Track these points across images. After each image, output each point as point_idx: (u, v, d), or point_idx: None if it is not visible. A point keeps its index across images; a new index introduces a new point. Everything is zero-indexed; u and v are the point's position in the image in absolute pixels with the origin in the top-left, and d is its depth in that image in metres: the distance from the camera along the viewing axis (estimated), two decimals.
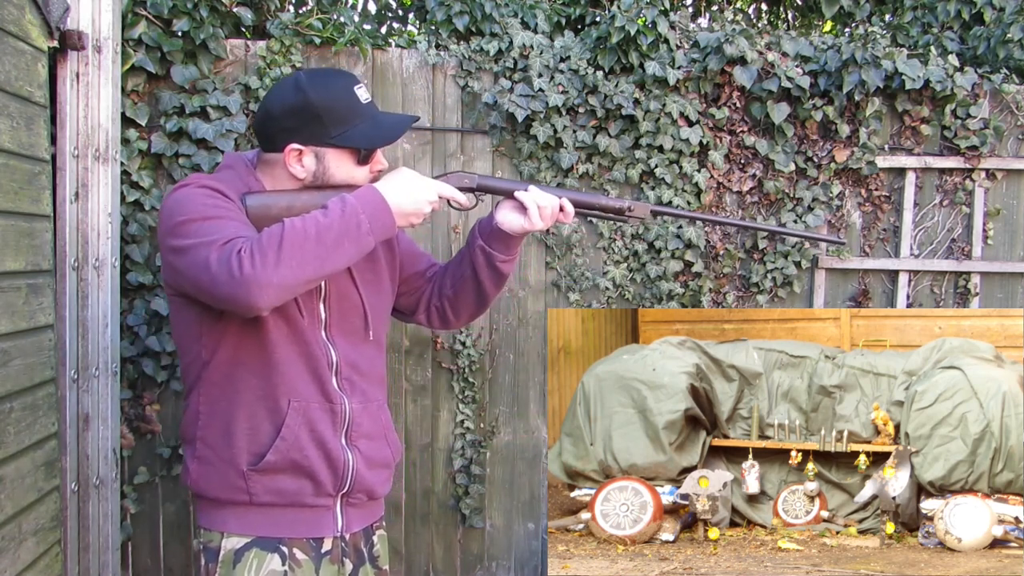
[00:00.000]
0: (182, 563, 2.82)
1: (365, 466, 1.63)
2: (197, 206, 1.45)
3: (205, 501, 1.60)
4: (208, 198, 1.48)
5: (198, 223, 1.43)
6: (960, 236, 3.00)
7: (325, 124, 1.52)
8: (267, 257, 1.35)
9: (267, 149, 1.59)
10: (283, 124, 1.54)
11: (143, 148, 2.62)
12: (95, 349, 2.31)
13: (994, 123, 2.92)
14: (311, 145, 1.54)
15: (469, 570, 3.01)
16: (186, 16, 2.56)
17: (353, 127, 1.54)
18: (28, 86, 1.91)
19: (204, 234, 1.41)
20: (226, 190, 1.52)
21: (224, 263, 1.36)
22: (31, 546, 1.92)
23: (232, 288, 1.36)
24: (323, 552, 1.61)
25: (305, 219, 1.41)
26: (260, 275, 1.35)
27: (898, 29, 3.33)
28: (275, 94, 1.57)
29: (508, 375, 2.97)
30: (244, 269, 1.34)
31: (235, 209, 1.50)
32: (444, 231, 2.90)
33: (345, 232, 1.42)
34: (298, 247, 1.38)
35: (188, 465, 1.61)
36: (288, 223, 1.40)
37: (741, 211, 2.95)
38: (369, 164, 1.60)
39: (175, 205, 1.48)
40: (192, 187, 1.50)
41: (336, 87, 1.55)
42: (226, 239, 1.39)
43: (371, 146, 1.57)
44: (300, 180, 1.57)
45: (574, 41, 2.91)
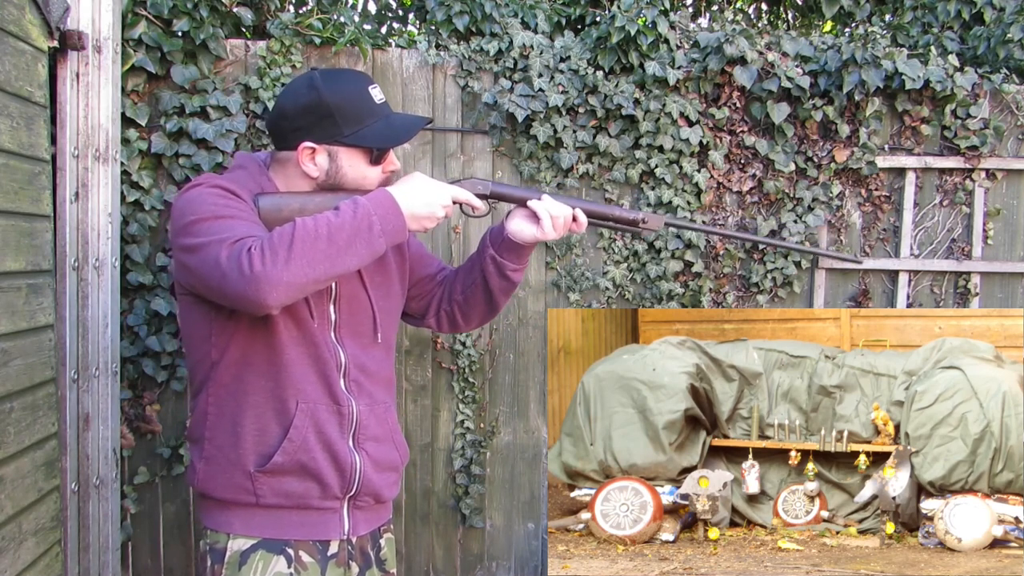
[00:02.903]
0: (182, 563, 2.82)
1: (372, 469, 1.63)
2: (208, 205, 1.46)
3: (211, 502, 1.59)
4: (220, 198, 1.48)
5: (209, 222, 1.43)
6: (960, 236, 3.00)
7: (338, 123, 1.53)
8: (278, 255, 1.35)
9: (280, 147, 1.59)
10: (297, 122, 1.54)
11: (143, 148, 2.62)
12: (95, 349, 2.31)
13: (994, 123, 2.92)
14: (324, 144, 1.54)
15: (469, 570, 3.01)
16: (186, 16, 2.57)
17: (366, 127, 1.55)
18: (28, 86, 1.91)
19: (215, 232, 1.41)
20: (238, 190, 1.52)
21: (235, 260, 1.36)
22: (31, 546, 1.92)
23: (242, 285, 1.35)
24: (329, 555, 1.60)
25: (317, 219, 1.41)
26: (271, 273, 1.35)
27: (898, 29, 3.33)
28: (289, 92, 1.57)
29: (508, 375, 2.97)
30: (255, 267, 1.34)
31: (247, 209, 1.50)
32: (444, 231, 2.90)
33: (356, 233, 1.42)
34: (309, 246, 1.37)
35: (195, 465, 1.60)
36: (300, 222, 1.40)
37: (741, 211, 2.95)
38: (382, 164, 1.60)
39: (186, 204, 1.48)
40: (204, 187, 1.50)
41: (350, 86, 1.56)
42: (237, 237, 1.39)
43: (384, 145, 1.57)
44: (313, 179, 1.57)
45: (574, 41, 2.91)
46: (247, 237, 1.39)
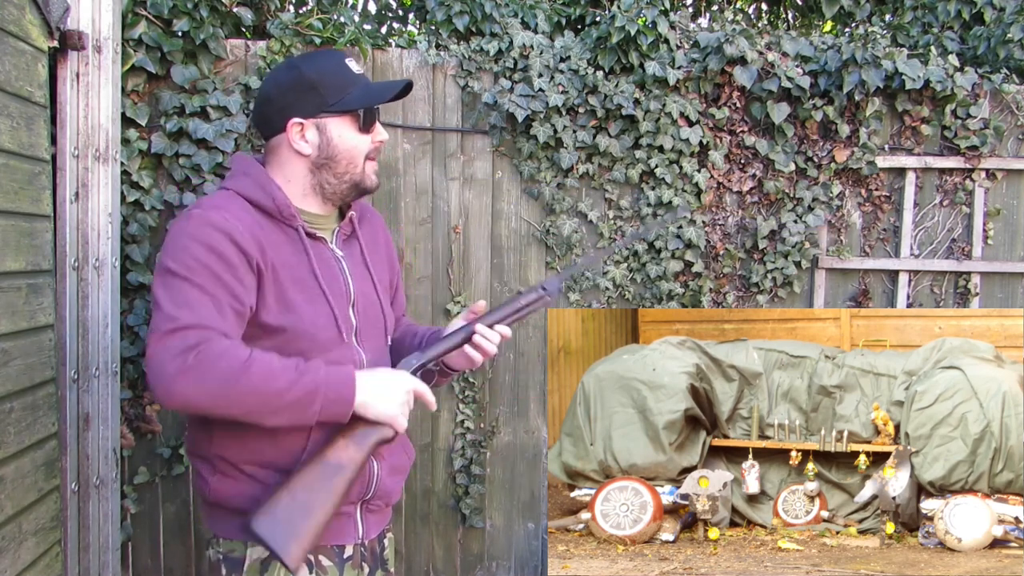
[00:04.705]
0: (182, 563, 2.82)
1: (387, 473, 1.62)
2: (190, 260, 1.39)
3: (225, 511, 1.54)
4: (208, 254, 1.39)
5: (180, 281, 1.37)
6: (960, 236, 3.00)
7: (322, 93, 1.52)
8: (205, 381, 1.32)
9: (269, 134, 1.58)
10: (281, 102, 1.53)
11: (143, 148, 2.62)
12: (95, 349, 2.31)
13: (994, 123, 2.92)
14: (311, 117, 1.53)
15: (469, 570, 3.01)
16: (186, 16, 2.57)
17: (349, 93, 1.54)
18: (28, 86, 1.91)
19: (174, 302, 1.36)
20: (239, 234, 1.42)
21: (165, 351, 1.33)
22: (31, 546, 1.92)
23: (153, 376, 1.33)
24: (345, 558, 1.59)
25: (268, 374, 1.36)
26: (185, 389, 1.32)
27: (898, 29, 3.33)
28: (270, 79, 1.57)
29: (508, 375, 2.97)
30: (175, 372, 1.31)
31: (232, 274, 1.41)
32: (445, 231, 2.90)
33: (291, 406, 1.38)
34: (238, 392, 1.34)
35: (205, 478, 1.54)
36: (251, 370, 1.34)
37: (741, 211, 2.95)
38: (371, 133, 1.58)
39: (177, 238, 1.42)
40: (199, 225, 1.42)
41: (328, 61, 1.56)
42: (187, 325, 1.34)
43: (369, 104, 1.55)
44: (306, 157, 1.55)
45: (574, 41, 2.91)
46: (200, 332, 1.34)
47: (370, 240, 1.68)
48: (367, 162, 1.57)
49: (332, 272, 1.55)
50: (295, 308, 1.48)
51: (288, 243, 1.51)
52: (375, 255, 1.68)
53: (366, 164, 1.57)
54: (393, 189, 2.85)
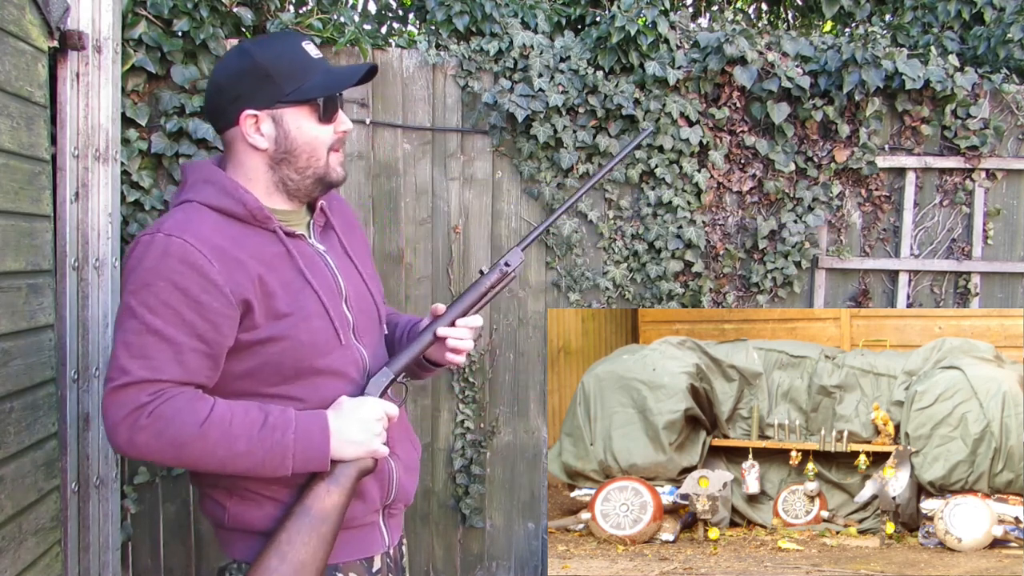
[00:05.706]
0: (182, 563, 2.82)
1: (404, 473, 1.55)
2: (151, 299, 1.29)
3: (246, 534, 1.44)
4: (171, 291, 1.29)
5: (138, 324, 1.29)
6: (960, 236, 3.00)
7: (277, 82, 1.38)
8: (160, 443, 1.27)
9: (222, 128, 1.44)
10: (233, 92, 1.39)
11: (143, 148, 2.62)
12: (95, 349, 2.31)
13: (994, 123, 2.92)
14: (266, 108, 1.39)
15: (469, 570, 3.01)
16: (186, 16, 2.57)
17: (307, 81, 1.40)
18: (28, 86, 1.91)
19: (129, 351, 1.29)
20: (205, 264, 1.31)
21: (116, 408, 1.27)
22: (31, 546, 1.92)
23: (107, 429, 1.28)
24: (374, 572, 1.52)
25: (227, 436, 1.30)
26: (140, 449, 1.28)
27: (898, 29, 3.33)
28: (220, 66, 1.43)
29: (508, 375, 2.97)
30: (129, 431, 1.27)
31: (196, 312, 1.30)
32: (444, 231, 2.90)
33: (257, 466, 1.33)
34: (196, 454, 1.29)
35: (222, 503, 1.45)
36: (208, 433, 1.28)
37: (741, 211, 2.96)
38: (333, 123, 1.44)
39: (138, 272, 1.31)
40: (162, 257, 1.30)
41: (283, 45, 1.42)
42: (139, 380, 1.27)
43: (328, 93, 1.41)
44: (263, 151, 1.42)
45: (574, 41, 2.91)
46: (153, 388, 1.28)
47: (344, 227, 1.58)
48: (331, 154, 1.45)
49: (319, 269, 1.45)
50: (289, 317, 1.38)
51: (268, 246, 1.40)
52: (354, 242, 1.59)
53: (330, 156, 1.44)
54: (393, 189, 2.86)
